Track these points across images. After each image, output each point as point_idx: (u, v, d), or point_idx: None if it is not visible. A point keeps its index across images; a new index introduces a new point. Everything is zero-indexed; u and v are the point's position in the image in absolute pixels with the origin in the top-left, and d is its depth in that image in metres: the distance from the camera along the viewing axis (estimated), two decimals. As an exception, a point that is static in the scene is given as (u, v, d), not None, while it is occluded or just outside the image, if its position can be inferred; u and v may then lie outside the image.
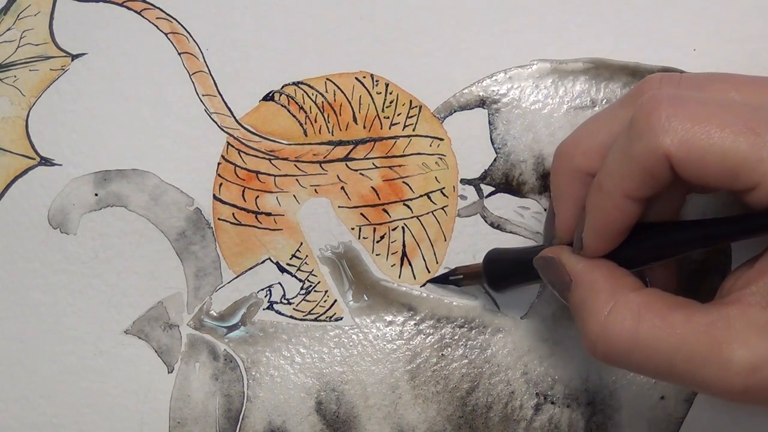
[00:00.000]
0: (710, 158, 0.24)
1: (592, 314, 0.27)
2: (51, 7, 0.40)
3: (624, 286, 0.27)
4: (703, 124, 0.25)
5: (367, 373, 0.36)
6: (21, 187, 0.38)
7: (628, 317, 0.26)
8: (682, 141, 0.25)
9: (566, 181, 0.30)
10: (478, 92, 0.38)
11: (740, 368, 0.24)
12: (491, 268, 0.34)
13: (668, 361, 0.25)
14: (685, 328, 0.25)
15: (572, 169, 0.29)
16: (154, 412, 0.36)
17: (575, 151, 0.29)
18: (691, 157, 0.25)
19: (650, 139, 0.25)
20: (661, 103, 0.25)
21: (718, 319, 0.25)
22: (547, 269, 0.30)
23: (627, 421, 0.35)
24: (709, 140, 0.24)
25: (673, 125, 0.25)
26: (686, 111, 0.25)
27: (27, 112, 0.39)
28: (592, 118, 0.30)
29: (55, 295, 0.37)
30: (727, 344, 0.25)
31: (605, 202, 0.27)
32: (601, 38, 0.38)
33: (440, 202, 0.37)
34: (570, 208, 0.30)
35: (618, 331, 0.26)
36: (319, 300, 0.37)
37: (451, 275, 0.36)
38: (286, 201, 0.37)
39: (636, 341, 0.26)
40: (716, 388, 0.25)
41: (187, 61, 0.39)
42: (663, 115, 0.25)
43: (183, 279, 0.37)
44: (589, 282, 0.28)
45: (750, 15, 0.38)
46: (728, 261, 0.36)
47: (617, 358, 0.27)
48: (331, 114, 0.38)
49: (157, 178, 0.38)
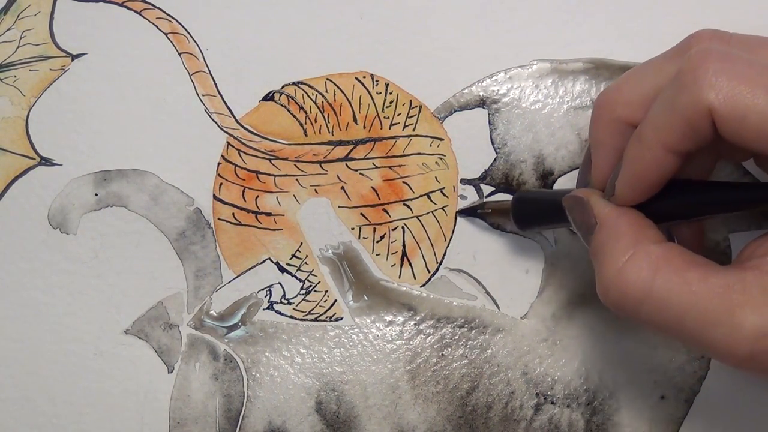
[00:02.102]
0: (752, 118, 0.24)
1: (610, 259, 0.27)
2: (51, 7, 0.40)
3: (647, 236, 0.27)
4: (749, 84, 0.24)
5: (367, 373, 0.36)
6: (21, 187, 0.38)
7: (645, 267, 0.26)
8: (727, 97, 0.25)
9: (606, 130, 0.30)
10: (478, 92, 0.38)
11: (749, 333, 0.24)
12: (520, 206, 0.34)
13: (679, 317, 0.25)
14: (700, 286, 0.25)
15: (613, 118, 0.29)
16: (154, 412, 0.36)
17: (617, 100, 0.29)
18: (733, 115, 0.25)
19: (695, 93, 0.25)
20: (709, 58, 0.25)
21: (734, 282, 0.25)
22: (575, 209, 0.30)
23: (627, 421, 0.35)
24: (753, 100, 0.24)
25: (719, 81, 0.25)
26: (734, 69, 0.25)
27: (27, 112, 0.39)
28: (636, 68, 0.30)
29: (55, 295, 0.37)
30: (740, 308, 0.24)
31: (644, 153, 0.27)
32: (601, 38, 0.38)
33: (440, 202, 0.37)
34: (607, 157, 0.30)
35: (633, 280, 0.26)
36: (319, 300, 0.37)
37: (480, 208, 0.36)
38: (286, 201, 0.37)
39: (650, 293, 0.26)
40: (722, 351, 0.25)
41: (187, 61, 0.39)
42: (710, 69, 0.25)
43: (183, 279, 0.37)
44: (612, 227, 0.28)
45: (750, 15, 0.38)
46: (728, 261, 0.36)
47: (628, 307, 0.27)
48: (331, 114, 0.38)
49: (157, 178, 0.38)
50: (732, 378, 0.35)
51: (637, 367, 0.36)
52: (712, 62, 0.25)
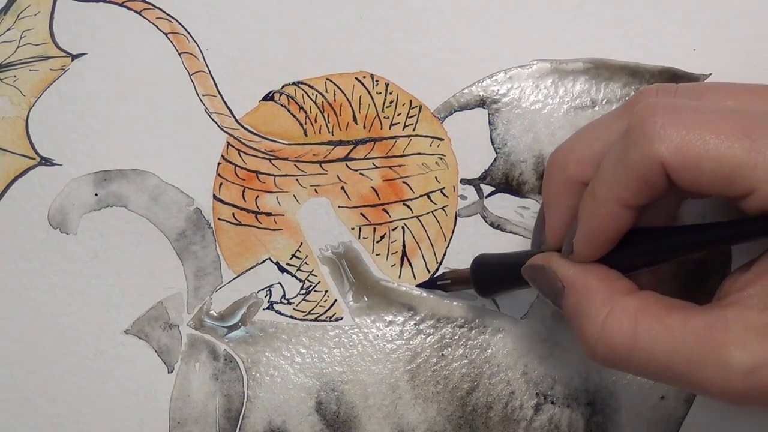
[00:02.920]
0: (706, 164, 0.24)
1: (588, 319, 0.27)
2: (51, 7, 0.40)
3: (618, 289, 0.27)
4: (699, 131, 0.24)
5: (367, 373, 0.36)
6: (21, 187, 0.38)
7: (625, 321, 0.26)
8: (678, 148, 0.25)
9: (558, 189, 0.30)
10: (478, 92, 0.38)
11: (738, 371, 0.24)
12: (479, 273, 0.33)
13: (666, 363, 0.25)
14: (682, 330, 0.25)
15: (565, 177, 0.29)
16: (154, 412, 0.36)
17: (569, 160, 0.29)
18: (686, 164, 0.25)
19: (645, 147, 0.25)
20: (656, 111, 0.25)
21: (715, 322, 0.25)
22: (537, 277, 0.30)
23: (627, 421, 0.35)
24: (704, 146, 0.24)
25: (668, 133, 0.25)
26: (681, 119, 0.25)
27: (27, 112, 0.39)
28: (586, 127, 0.30)
29: (55, 295, 0.37)
30: (724, 347, 0.24)
31: (598, 210, 0.27)
32: (601, 38, 0.38)
33: (440, 202, 0.37)
34: (561, 216, 0.30)
35: (616, 335, 0.26)
36: (319, 300, 0.37)
37: (439, 280, 0.36)
38: (286, 201, 0.37)
39: (634, 344, 0.26)
40: (714, 391, 0.25)
41: (187, 61, 0.39)
42: (658, 122, 0.25)
43: (183, 279, 0.37)
44: (582, 287, 0.28)
45: (750, 15, 0.38)
46: (728, 262, 0.36)
47: (617, 362, 0.27)
48: (331, 114, 0.38)
49: (157, 178, 0.38)
50: (732, 378, 0.35)
51: (637, 367, 0.36)
52: (660, 115, 0.25)
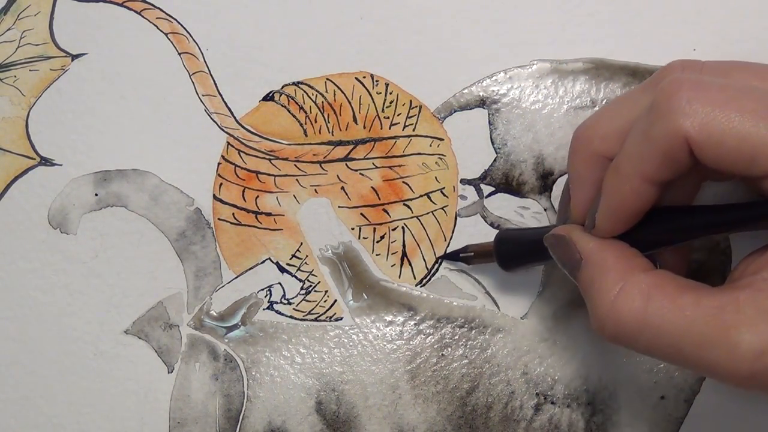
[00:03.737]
0: (729, 142, 0.24)
1: (601, 293, 0.27)
2: (51, 7, 0.40)
3: (634, 266, 0.27)
4: (724, 109, 0.25)
5: (367, 373, 0.36)
6: (21, 187, 0.38)
7: (637, 298, 0.26)
8: (702, 124, 0.25)
9: (584, 164, 0.30)
10: (478, 92, 0.38)
11: (747, 353, 0.24)
12: (502, 247, 0.34)
13: (676, 343, 0.25)
14: (693, 310, 0.25)
15: (590, 152, 0.29)
16: (154, 412, 0.36)
17: (594, 135, 0.29)
18: (710, 141, 0.25)
19: (670, 122, 0.25)
20: (682, 87, 0.25)
21: (727, 303, 0.25)
22: (558, 247, 0.30)
23: (627, 421, 0.35)
24: (728, 124, 0.24)
25: (693, 108, 0.25)
26: (707, 95, 0.25)
27: (27, 112, 0.39)
28: (612, 102, 0.30)
29: (55, 295, 0.37)
30: (735, 328, 0.24)
31: (622, 185, 0.27)
32: (601, 38, 0.38)
33: (440, 202, 0.37)
34: (586, 191, 0.30)
35: (627, 311, 0.26)
36: (319, 300, 0.37)
37: (462, 252, 0.36)
38: (286, 201, 0.37)
39: (644, 322, 0.26)
40: (722, 373, 0.25)
41: (187, 61, 0.39)
42: (684, 98, 0.25)
43: (183, 279, 0.37)
44: (599, 261, 0.28)
45: (750, 15, 0.38)
46: (728, 261, 0.36)
47: (626, 339, 0.27)
48: (331, 114, 0.38)
49: (157, 178, 0.38)
50: (732, 378, 0.35)
51: (637, 367, 0.36)
52: (685, 90, 0.25)
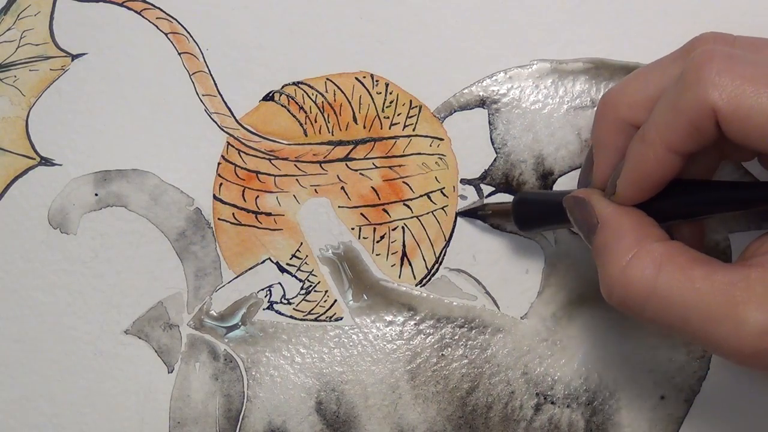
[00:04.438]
0: (756, 117, 0.24)
1: (613, 258, 0.27)
2: (51, 7, 0.40)
3: (649, 235, 0.27)
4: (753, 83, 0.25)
5: (367, 373, 0.36)
6: (21, 187, 0.38)
7: (649, 266, 0.26)
8: (731, 97, 0.25)
9: (609, 130, 0.30)
10: (478, 92, 0.38)
11: (753, 330, 0.24)
12: (520, 207, 0.34)
13: (683, 315, 0.25)
14: (704, 284, 0.25)
15: (617, 118, 0.29)
16: (154, 412, 0.36)
17: (621, 101, 0.29)
18: (737, 114, 0.25)
19: (699, 93, 0.25)
20: (713, 59, 0.25)
21: (738, 280, 0.25)
22: (576, 209, 0.30)
23: (627, 421, 0.35)
24: (757, 99, 0.24)
25: (723, 81, 0.25)
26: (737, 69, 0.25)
27: (27, 112, 0.39)
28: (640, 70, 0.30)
29: (55, 295, 0.37)
30: (743, 305, 0.24)
31: (646, 153, 0.27)
32: (601, 38, 0.38)
33: (440, 202, 0.37)
34: (610, 157, 0.30)
35: (637, 279, 0.26)
36: (319, 300, 0.37)
37: (480, 210, 0.36)
38: (286, 201, 0.37)
39: (654, 291, 0.26)
40: (727, 348, 0.25)
41: (187, 61, 0.39)
42: (714, 69, 0.25)
43: (183, 279, 0.37)
44: (615, 226, 0.28)
45: (750, 15, 0.38)
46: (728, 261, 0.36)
47: (633, 306, 0.27)
48: (331, 114, 0.38)
49: (157, 178, 0.38)
50: (732, 378, 0.35)
51: (637, 367, 0.36)
52: (716, 62, 0.25)
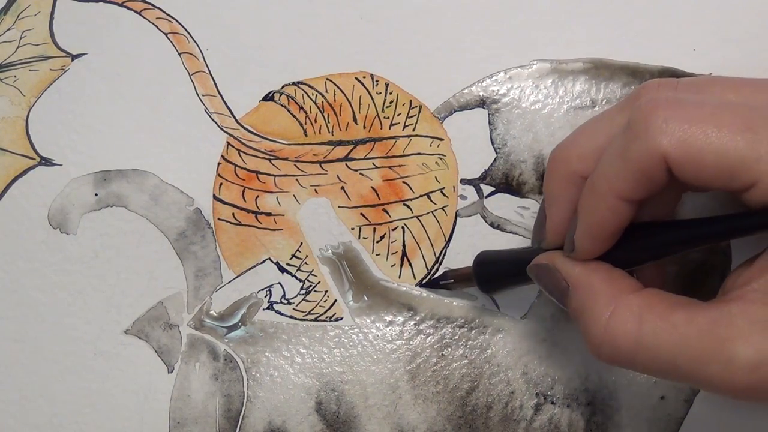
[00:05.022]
0: (708, 158, 0.24)
1: (593, 318, 0.27)
2: (51, 7, 0.40)
3: (622, 288, 0.27)
4: (701, 125, 0.25)
5: (367, 373, 0.36)
6: (21, 187, 0.38)
7: (629, 320, 0.26)
8: (680, 142, 0.25)
9: (560, 184, 0.30)
10: (478, 92, 0.38)
11: (743, 365, 0.24)
12: (481, 270, 0.34)
13: (672, 360, 0.25)
14: (687, 327, 0.25)
15: (567, 172, 0.29)
16: (154, 412, 0.36)
17: (571, 154, 0.29)
18: (688, 158, 0.25)
19: (648, 141, 0.25)
20: (659, 106, 0.25)
21: (719, 317, 0.25)
22: (543, 276, 0.30)
23: (627, 421, 0.35)
24: (706, 140, 0.24)
25: (670, 127, 0.25)
26: (684, 113, 0.25)
27: (27, 112, 0.39)
28: (588, 123, 0.30)
29: (55, 295, 0.37)
30: (729, 342, 0.25)
31: (598, 204, 0.27)
32: (601, 38, 0.38)
33: (440, 202, 0.37)
34: (562, 211, 0.30)
35: (621, 334, 0.26)
36: (319, 300, 0.37)
37: (442, 279, 0.36)
38: (286, 201, 0.37)
39: (639, 343, 0.26)
40: (720, 386, 0.25)
41: (187, 61, 0.39)
42: (660, 116, 0.25)
43: (183, 279, 0.37)
44: (587, 286, 0.28)
45: (750, 15, 0.38)
46: (728, 261, 0.36)
47: (622, 361, 0.27)
48: (331, 114, 0.38)
49: (157, 178, 0.38)
50: (732, 378, 0.35)
51: (637, 367, 0.36)
52: (662, 110, 0.25)
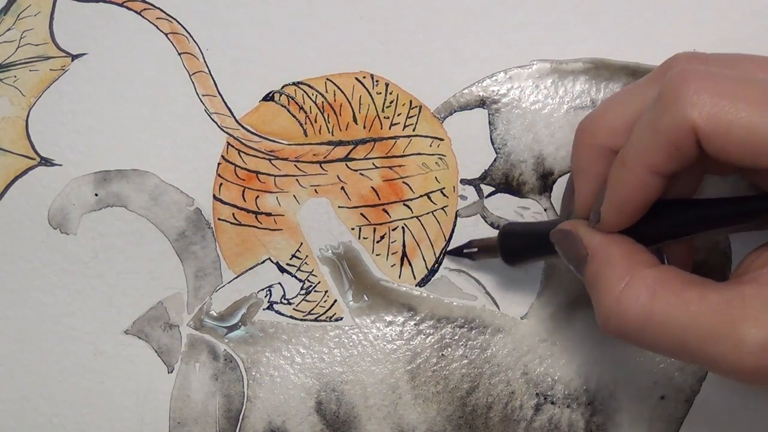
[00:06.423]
0: (736, 133, 0.24)
1: (606, 288, 0.27)
2: (51, 7, 0.40)
3: (640, 261, 0.27)
4: (731, 99, 0.24)
5: (367, 373, 0.36)
6: (21, 187, 0.38)
7: (642, 293, 0.26)
8: (710, 114, 0.24)
9: (588, 157, 0.29)
10: (478, 92, 0.38)
11: (753, 347, 0.24)
12: (506, 241, 0.34)
13: (681, 338, 0.25)
14: (699, 305, 0.25)
15: (595, 144, 0.29)
16: (154, 412, 0.36)
17: (599, 127, 0.29)
18: (717, 131, 0.24)
19: (678, 112, 0.25)
20: (689, 78, 0.25)
21: (732, 298, 0.25)
22: (564, 242, 0.30)
23: (627, 421, 0.35)
24: (736, 115, 0.24)
25: (701, 99, 0.25)
26: (715, 86, 0.25)
27: (27, 112, 0.39)
28: (617, 94, 0.30)
29: (55, 295, 0.37)
30: (740, 323, 0.24)
31: (628, 177, 0.27)
32: (601, 38, 0.38)
33: (440, 202, 0.37)
34: (590, 184, 0.30)
35: (632, 307, 0.26)
36: (319, 300, 0.37)
37: (466, 248, 0.36)
38: (286, 201, 0.37)
39: (650, 317, 0.26)
40: (727, 367, 0.25)
41: (187, 61, 0.39)
42: (691, 88, 0.25)
43: (183, 279, 0.37)
44: (605, 256, 0.28)
45: (750, 15, 0.38)
46: (728, 261, 0.36)
47: (630, 334, 0.26)
48: (331, 114, 0.38)
49: (157, 178, 0.38)
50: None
51: (637, 367, 0.36)
52: (693, 81, 0.25)
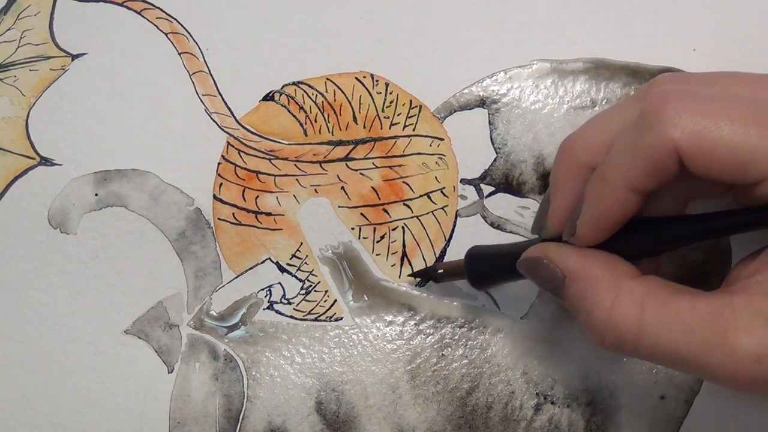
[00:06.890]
0: (720, 150, 0.24)
1: (595, 306, 0.27)
2: (51, 7, 0.40)
3: (622, 273, 0.27)
4: (714, 117, 0.25)
5: (367, 373, 0.36)
6: (21, 187, 0.38)
7: (632, 306, 0.26)
8: (693, 133, 0.25)
9: (567, 174, 0.30)
10: (478, 92, 0.38)
11: (746, 357, 0.24)
12: (473, 264, 0.33)
13: (674, 348, 0.25)
14: (689, 315, 0.25)
15: (575, 162, 0.29)
16: (154, 412, 0.36)
17: (579, 145, 0.29)
18: (701, 150, 0.25)
19: (660, 132, 0.25)
20: (671, 98, 0.25)
21: (723, 307, 0.25)
22: (535, 269, 0.30)
23: (627, 421, 0.35)
24: (719, 132, 0.24)
25: (683, 118, 0.25)
26: (696, 105, 0.25)
27: (27, 112, 0.39)
28: (599, 114, 0.30)
29: (55, 295, 0.37)
30: (732, 332, 0.24)
31: (606, 193, 0.27)
32: (601, 38, 0.38)
33: (440, 202, 0.37)
34: (566, 200, 0.30)
35: (624, 321, 0.26)
36: (319, 300, 0.37)
37: (432, 271, 0.36)
38: (286, 201, 0.37)
39: (642, 330, 0.26)
40: (722, 377, 0.25)
41: (187, 61, 0.39)
42: (673, 108, 0.25)
43: (183, 279, 0.37)
44: (586, 274, 0.28)
45: (750, 15, 0.38)
46: (728, 261, 0.36)
47: (625, 348, 0.27)
48: (331, 114, 0.38)
49: (157, 178, 0.38)
50: (732, 378, 0.35)
51: (637, 367, 0.36)
52: (674, 101, 0.25)
